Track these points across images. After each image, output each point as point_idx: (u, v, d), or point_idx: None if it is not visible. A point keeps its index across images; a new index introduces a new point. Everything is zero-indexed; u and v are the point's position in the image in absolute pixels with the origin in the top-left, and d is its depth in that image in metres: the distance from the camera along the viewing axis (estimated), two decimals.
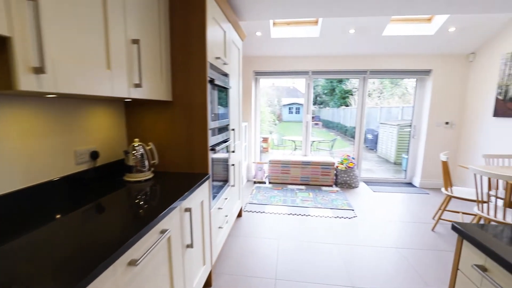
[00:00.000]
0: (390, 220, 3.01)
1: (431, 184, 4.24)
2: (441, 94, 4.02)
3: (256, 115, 4.60)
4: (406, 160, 6.19)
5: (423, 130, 4.21)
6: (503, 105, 3.28)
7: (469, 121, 3.89)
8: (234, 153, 2.47)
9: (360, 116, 4.45)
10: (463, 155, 4.00)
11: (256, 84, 4.51)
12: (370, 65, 4.09)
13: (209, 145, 1.73)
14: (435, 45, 3.72)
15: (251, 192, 3.93)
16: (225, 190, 2.24)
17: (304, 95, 4.49)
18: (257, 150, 4.73)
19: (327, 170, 4.22)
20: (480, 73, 3.70)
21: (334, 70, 4.20)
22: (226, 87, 2.08)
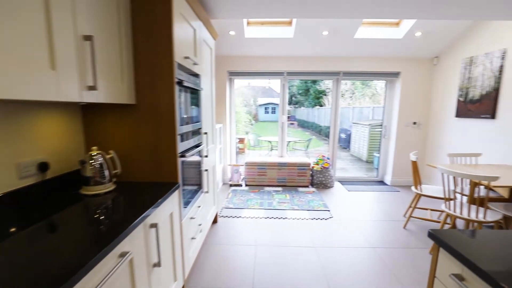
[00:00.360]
0: (364, 219, 3.07)
1: (401, 181, 4.42)
2: (409, 95, 4.20)
3: (231, 116, 4.49)
4: (378, 159, 6.43)
5: (393, 130, 4.38)
6: (464, 106, 3.49)
7: (434, 121, 4.10)
8: (207, 158, 2.35)
9: (334, 116, 4.52)
10: (430, 154, 4.21)
11: (230, 84, 4.41)
12: (343, 66, 4.16)
13: (179, 152, 1.60)
14: (403, 49, 3.86)
15: (227, 196, 3.81)
16: (198, 197, 2.11)
17: (279, 95, 4.46)
18: (233, 152, 4.62)
19: (303, 171, 4.23)
20: (443, 76, 3.91)
21: (308, 71, 4.21)
22: (197, 89, 1.96)
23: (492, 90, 3.07)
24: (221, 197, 3.74)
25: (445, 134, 3.84)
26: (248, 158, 4.40)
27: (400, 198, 3.78)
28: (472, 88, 3.35)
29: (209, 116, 2.50)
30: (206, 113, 2.33)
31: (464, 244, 0.91)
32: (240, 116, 9.97)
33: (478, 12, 2.39)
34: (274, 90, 30.11)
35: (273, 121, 23.82)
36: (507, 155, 2.89)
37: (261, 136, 7.78)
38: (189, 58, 1.73)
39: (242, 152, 8.36)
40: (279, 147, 4.63)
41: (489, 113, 3.11)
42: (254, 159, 4.33)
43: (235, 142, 4.84)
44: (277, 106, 23.14)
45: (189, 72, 1.81)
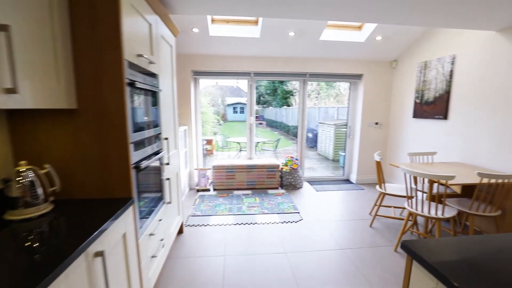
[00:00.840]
0: (333, 219, 3.10)
1: (365, 180, 4.59)
2: (371, 97, 4.37)
3: (196, 118, 4.28)
4: (343, 157, 6.66)
5: (357, 130, 4.53)
6: (420, 107, 3.71)
7: (394, 121, 4.32)
8: (169, 165, 2.15)
9: (302, 117, 4.54)
10: (391, 153, 4.43)
11: (195, 84, 4.19)
12: (309, 68, 4.19)
13: (132, 162, 1.41)
14: (365, 52, 4.00)
15: (194, 202, 3.61)
16: (159, 209, 1.92)
17: (247, 96, 4.36)
18: (199, 155, 4.41)
19: (273, 173, 4.18)
20: (402, 78, 4.13)
21: (276, 72, 4.17)
22: (155, 90, 1.77)
23: (444, 92, 3.30)
24: (187, 204, 3.53)
25: (404, 134, 4.06)
26: (216, 162, 4.23)
27: (365, 196, 3.91)
28: (427, 90, 3.57)
29: (171, 119, 2.30)
30: (166, 116, 2.13)
31: (438, 256, 0.88)
32: (207, 116, 9.69)
33: (430, 20, 2.52)
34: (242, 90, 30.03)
35: (242, 121, 23.74)
36: (458, 153, 3.12)
37: (229, 137, 7.62)
38: (144, 57, 1.54)
39: (210, 154, 8.13)
40: (248, 148, 4.53)
41: (442, 114, 3.33)
42: (222, 162, 4.18)
43: (201, 144, 4.63)
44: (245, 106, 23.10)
45: (144, 72, 1.61)
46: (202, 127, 9.86)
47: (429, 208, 2.24)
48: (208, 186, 4.13)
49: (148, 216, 1.66)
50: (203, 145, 6.33)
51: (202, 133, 9.92)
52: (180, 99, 3.94)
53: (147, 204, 1.67)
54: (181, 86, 3.93)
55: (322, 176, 4.94)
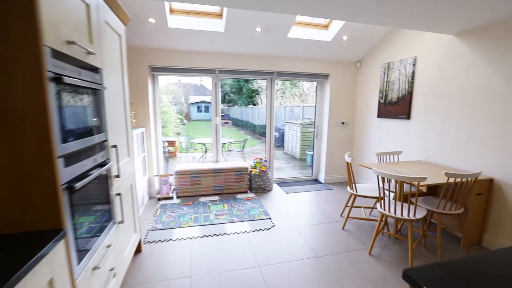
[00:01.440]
0: (305, 223, 2.98)
1: (333, 179, 4.61)
2: (337, 96, 4.39)
3: (156, 119, 3.87)
4: (311, 157, 6.71)
5: (325, 130, 4.52)
6: (384, 108, 3.79)
7: (359, 121, 4.39)
8: (120, 178, 1.81)
9: (270, 117, 4.39)
10: (358, 153, 4.49)
11: (154, 81, 3.78)
12: (276, 66, 4.05)
13: (63, 182, 1.08)
14: (331, 52, 3.97)
15: (154, 213, 3.23)
16: (108, 233, 1.58)
17: (212, 95, 4.07)
18: (160, 159, 4.01)
19: (241, 176, 3.96)
20: (366, 79, 4.20)
21: (242, 70, 3.94)
22: (96, 88, 1.42)
23: (407, 93, 3.39)
24: (147, 216, 3.15)
25: (369, 134, 4.14)
26: (179, 166, 3.87)
27: (334, 197, 3.89)
28: (391, 91, 3.65)
29: (121, 123, 1.94)
30: (114, 119, 1.78)
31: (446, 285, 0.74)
32: (169, 116, 9.09)
33: (397, 20, 2.51)
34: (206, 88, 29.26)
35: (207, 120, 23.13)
36: (421, 152, 3.22)
37: (194, 138, 7.21)
38: (77, 45, 1.20)
39: (173, 156, 7.63)
40: (214, 151, 4.24)
41: (405, 114, 3.43)
42: (186, 167, 3.84)
43: (162, 147, 4.23)
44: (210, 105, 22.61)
45: (81, 65, 1.27)
46: (164, 127, 9.25)
47: (402, 209, 2.22)
48: (171, 194, 3.76)
49: (90, 246, 1.33)
50: (164, 147, 5.86)
51: (164, 134, 9.31)
52: (136, 98, 3.51)
53: (90, 230, 1.33)
54: (137, 84, 3.50)
55: (291, 177, 4.86)
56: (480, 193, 2.46)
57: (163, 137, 7.78)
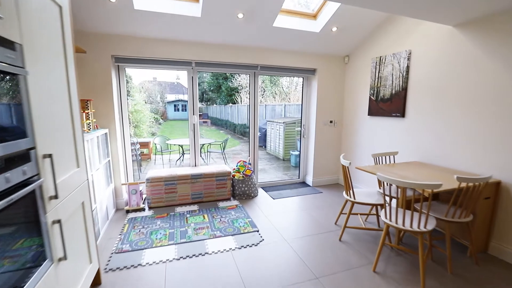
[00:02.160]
0: (298, 235, 2.64)
1: (322, 181, 4.34)
2: (325, 93, 4.11)
3: (123, 117, 3.33)
4: (295, 157, 6.44)
5: (312, 129, 4.22)
6: (376, 105, 3.55)
7: (349, 120, 4.14)
8: (59, 199, 1.33)
9: (254, 115, 4.01)
10: (348, 153, 4.24)
11: (119, 74, 3.24)
12: (260, 59, 3.67)
13: None
14: (320, 44, 3.67)
15: (121, 229, 2.73)
16: (40, 278, 1.11)
17: (188, 91, 3.60)
18: (129, 165, 3.48)
19: (223, 182, 3.54)
20: (355, 74, 3.95)
21: (222, 62, 3.52)
22: (10, 71, 0.95)
23: (401, 89, 3.16)
24: (112, 233, 2.64)
25: (360, 133, 3.90)
26: (151, 173, 3.36)
27: (325, 201, 3.60)
28: (383, 87, 3.42)
29: (63, 123, 1.45)
30: (50, 118, 1.30)
31: None
32: (142, 115, 8.40)
33: (389, 5, 2.24)
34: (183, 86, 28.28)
35: (184, 119, 22.34)
36: (417, 152, 3.01)
37: (170, 139, 6.63)
38: None
39: (147, 159, 7.01)
40: (192, 153, 3.78)
41: (400, 112, 3.20)
42: (159, 173, 3.35)
43: (134, 150, 3.69)
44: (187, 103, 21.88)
45: None
46: (137, 127, 8.55)
47: (411, 220, 1.94)
48: (142, 205, 3.25)
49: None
50: (136, 149, 5.27)
51: (137, 134, 8.60)
52: (96, 93, 2.96)
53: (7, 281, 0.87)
54: (98, 76, 2.96)
55: (277, 180, 4.51)
56: (488, 198, 2.25)
57: (135, 138, 7.12)
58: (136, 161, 5.30)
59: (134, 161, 5.44)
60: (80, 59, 2.86)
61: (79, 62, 2.86)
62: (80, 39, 2.83)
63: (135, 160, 5.32)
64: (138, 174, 5.31)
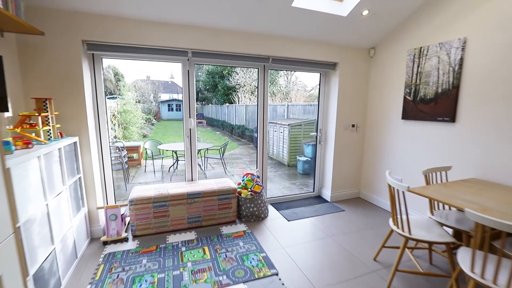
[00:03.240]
0: (331, 281, 1.98)
1: (342, 196, 3.69)
2: (347, 92, 3.46)
3: (99, 122, 2.62)
4: (302, 164, 5.79)
5: (331, 134, 3.57)
6: (413, 107, 2.92)
7: (375, 123, 3.49)
8: None
9: (262, 119, 3.34)
10: (372, 165, 3.59)
11: (94, 66, 2.53)
12: (273, 50, 2.99)
13: None
14: (344, 33, 3.01)
15: (93, 274, 2.03)
16: None
17: (183, 88, 2.91)
18: (109, 181, 2.77)
19: (227, 201, 2.86)
20: (383, 70, 3.31)
21: (225, 52, 2.84)
22: None
23: (451, 87, 2.53)
24: (80, 282, 1.93)
25: (390, 140, 3.25)
26: (136, 192, 2.66)
27: (351, 222, 2.95)
28: (424, 85, 2.78)
29: None
30: None
31: None
32: (132, 116, 7.63)
33: None
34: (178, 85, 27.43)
35: (178, 119, 21.55)
36: (471, 166, 2.38)
37: (162, 144, 5.91)
38: None
39: (137, 165, 6.27)
40: (188, 164, 3.08)
41: (448, 116, 2.57)
42: (146, 193, 2.65)
43: (116, 158, 2.99)
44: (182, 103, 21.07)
45: None
46: (126, 129, 7.78)
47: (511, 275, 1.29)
48: (125, 233, 2.55)
49: None
50: (122, 156, 4.55)
51: (127, 137, 7.83)
52: (61, 90, 2.25)
53: None
54: (62, 68, 2.24)
55: (288, 195, 3.85)
56: None
57: (122, 142, 6.36)
58: (122, 169, 4.57)
59: (120, 170, 4.71)
60: (34, 43, 2.14)
61: (33, 47, 2.14)
62: (35, 16, 2.11)
63: (120, 168, 4.59)
64: (125, 185, 4.58)
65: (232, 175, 5.63)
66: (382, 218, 3.09)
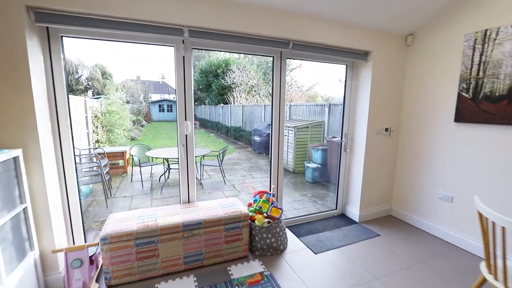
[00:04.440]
0: None
1: (371, 214, 3.04)
2: (381, 88, 2.81)
3: (59, 126, 1.88)
4: (312, 171, 5.12)
5: (360, 140, 2.91)
6: (474, 106, 2.28)
7: (412, 127, 2.84)
8: None
9: (278, 121, 2.66)
10: (415, 178, 2.94)
11: (49, 47, 1.78)
12: (294, 32, 2.31)
13: None
14: (382, 13, 2.36)
15: None
16: None
17: (177, 82, 2.20)
18: (75, 209, 2.02)
19: (236, 231, 2.15)
20: (425, 61, 2.67)
21: (232, 32, 2.13)
22: None
23: None
24: None
25: (436, 148, 2.61)
26: (110, 226, 1.91)
27: (396, 257, 2.29)
28: (490, 78, 2.15)
29: None
30: None
31: None
32: (117, 117, 6.81)
33: None
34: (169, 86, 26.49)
35: (170, 120, 20.70)
36: None
37: (150, 149, 5.13)
38: None
39: (123, 174, 5.48)
40: (183, 180, 2.36)
41: None
42: (126, 226, 1.90)
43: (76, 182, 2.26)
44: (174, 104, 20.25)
45: None
46: (110, 132, 6.95)
47: None
48: (95, 285, 1.81)
49: None
50: (101, 166, 3.77)
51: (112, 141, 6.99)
52: None
53: None
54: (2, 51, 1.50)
55: (306, 214, 3.16)
56: None
57: (104, 149, 5.55)
58: (102, 182, 3.79)
59: (100, 183, 3.93)
60: None
61: None
62: None
63: (100, 181, 3.81)
64: (105, 200, 3.80)
65: (237, 190, 4.91)
66: (431, 246, 2.45)
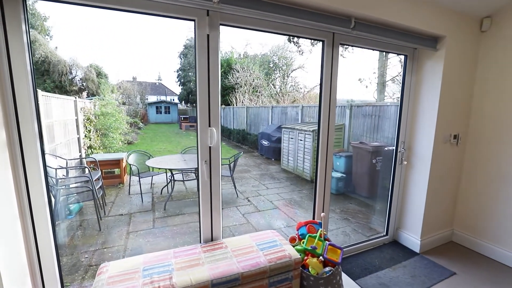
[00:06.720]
0: None
1: (433, 242, 2.41)
2: (453, 85, 2.20)
3: (20, 131, 1.22)
4: (336, 181, 4.51)
5: (424, 150, 2.29)
6: None
7: (490, 134, 2.23)
8: None
9: (327, 123, 2.04)
10: (482, 194, 2.32)
11: (3, 13, 1.13)
12: (358, 3, 1.69)
13: None
14: None
15: None
16: None
17: (197, 75, 1.55)
18: (48, 263, 1.35)
19: (285, 285, 1.51)
20: (510, 51, 2.08)
21: (278, 1, 1.50)
22: None
23: None
24: None
25: None
26: None
27: None
28: None
29: None
30: None
31: None
32: (112, 120, 6.12)
33: None
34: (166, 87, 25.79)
35: (168, 122, 19.99)
36: None
37: (151, 157, 4.47)
38: None
39: (119, 184, 4.80)
40: (206, 209, 1.71)
41: None
42: (128, 283, 1.25)
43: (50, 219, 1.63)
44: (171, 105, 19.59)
45: None
46: (105, 136, 6.25)
47: None
48: None
49: None
50: (92, 180, 3.10)
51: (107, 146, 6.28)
52: None
53: None
54: None
55: (353, 244, 2.53)
56: None
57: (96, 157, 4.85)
58: (94, 200, 3.11)
59: (90, 200, 3.25)
60: None
61: None
62: None
63: (91, 199, 3.13)
64: (98, 222, 3.12)
65: (253, 205, 4.27)
66: None
